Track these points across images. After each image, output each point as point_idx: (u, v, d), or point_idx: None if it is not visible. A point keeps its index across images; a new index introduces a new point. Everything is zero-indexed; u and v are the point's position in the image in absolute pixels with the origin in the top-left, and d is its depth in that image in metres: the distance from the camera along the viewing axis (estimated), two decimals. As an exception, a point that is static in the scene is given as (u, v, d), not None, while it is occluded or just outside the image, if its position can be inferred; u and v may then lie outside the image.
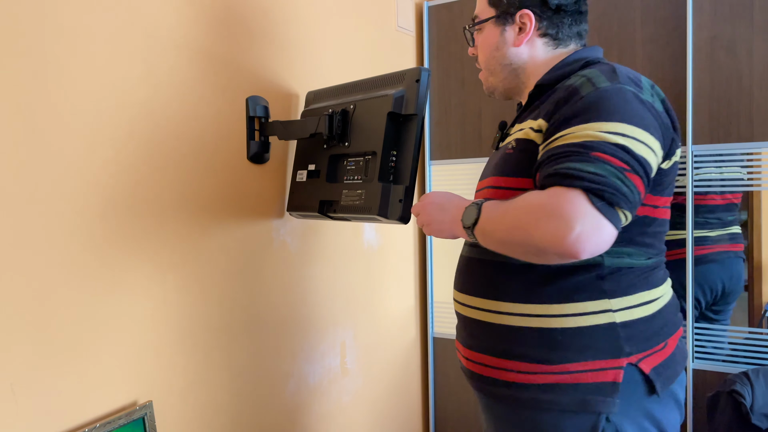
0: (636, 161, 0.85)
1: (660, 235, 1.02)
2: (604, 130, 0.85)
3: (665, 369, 0.98)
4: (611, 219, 0.82)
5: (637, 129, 0.86)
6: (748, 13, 1.80)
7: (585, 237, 0.80)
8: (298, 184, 1.54)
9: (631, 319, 0.95)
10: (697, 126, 1.88)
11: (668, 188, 1.00)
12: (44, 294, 1.06)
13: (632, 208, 0.85)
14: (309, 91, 1.61)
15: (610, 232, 0.82)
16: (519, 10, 1.07)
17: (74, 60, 1.10)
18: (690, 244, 1.90)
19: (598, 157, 0.83)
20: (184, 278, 1.32)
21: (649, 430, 0.98)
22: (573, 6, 1.07)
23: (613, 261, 0.95)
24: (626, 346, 0.94)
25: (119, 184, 1.18)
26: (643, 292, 0.97)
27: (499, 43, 1.11)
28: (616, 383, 0.94)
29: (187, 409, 1.33)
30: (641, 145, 0.86)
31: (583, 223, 0.80)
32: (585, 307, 0.95)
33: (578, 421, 0.95)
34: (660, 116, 0.92)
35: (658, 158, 0.90)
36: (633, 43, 2.00)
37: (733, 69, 1.83)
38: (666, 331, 1.00)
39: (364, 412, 1.94)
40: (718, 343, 1.93)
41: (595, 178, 0.82)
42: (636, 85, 0.92)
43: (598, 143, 0.84)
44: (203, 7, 1.36)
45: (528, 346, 0.98)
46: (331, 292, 1.78)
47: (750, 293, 2.18)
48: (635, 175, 0.84)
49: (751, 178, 1.90)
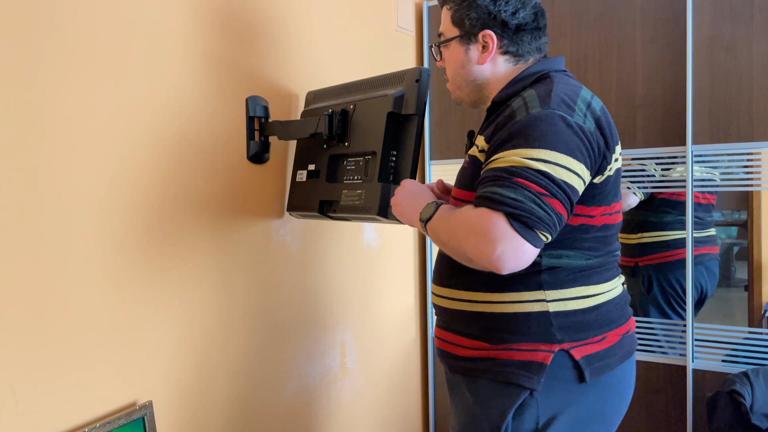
0: (556, 186, 0.94)
1: (605, 238, 1.11)
2: (528, 156, 0.95)
3: (598, 360, 1.07)
4: (530, 240, 0.94)
5: (560, 155, 0.95)
6: (748, 13, 1.80)
7: (505, 257, 0.93)
8: (298, 184, 1.54)
9: (565, 310, 1.06)
10: (697, 126, 1.89)
11: (606, 197, 1.08)
12: (44, 294, 1.06)
13: (551, 229, 0.95)
14: (309, 91, 1.61)
15: (530, 251, 0.94)
16: (481, 30, 1.14)
17: (75, 60, 1.10)
18: (690, 244, 1.90)
19: (519, 183, 0.94)
20: (183, 278, 1.32)
21: (572, 415, 1.07)
22: (532, 24, 1.14)
23: (551, 261, 1.06)
24: (558, 333, 1.05)
25: (119, 185, 1.18)
26: (579, 288, 1.07)
27: (464, 61, 1.17)
28: (543, 364, 1.05)
29: (187, 409, 1.33)
30: (563, 170, 0.95)
31: (504, 244, 0.93)
32: (521, 296, 1.07)
33: (507, 391, 1.08)
34: (589, 137, 0.99)
35: (584, 178, 0.99)
36: (633, 43, 2.00)
37: (733, 69, 1.83)
38: (605, 325, 1.09)
39: (364, 412, 1.94)
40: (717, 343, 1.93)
41: (513, 203, 0.93)
42: (568, 107, 0.99)
43: (521, 169, 0.95)
44: (204, 8, 1.36)
45: (474, 327, 1.13)
46: (331, 292, 1.78)
47: (750, 293, 2.18)
48: (554, 199, 0.94)
49: (751, 178, 1.90)
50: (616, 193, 1.11)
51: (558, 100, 1.00)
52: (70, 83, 1.10)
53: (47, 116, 1.06)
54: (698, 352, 1.94)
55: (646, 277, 2.15)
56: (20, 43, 1.02)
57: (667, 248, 2.06)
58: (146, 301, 1.23)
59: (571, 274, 1.07)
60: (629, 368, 1.15)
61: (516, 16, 1.12)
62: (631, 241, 2.25)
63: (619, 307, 1.13)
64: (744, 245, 2.19)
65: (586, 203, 1.05)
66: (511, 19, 1.12)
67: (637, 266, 2.21)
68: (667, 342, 2.09)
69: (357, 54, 1.87)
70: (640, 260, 2.18)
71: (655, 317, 2.14)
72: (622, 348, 1.11)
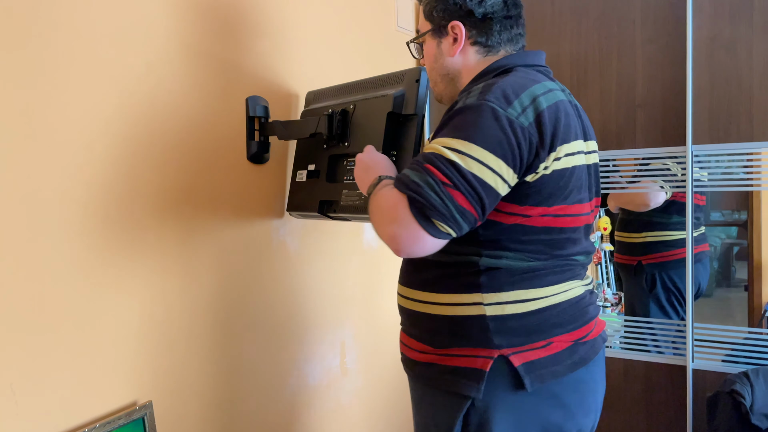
0: (461, 177, 0.92)
1: (553, 242, 1.04)
2: (445, 144, 0.94)
3: (541, 367, 1.01)
4: (426, 228, 0.92)
5: (475, 147, 0.92)
6: (748, 13, 1.81)
7: (400, 239, 0.94)
8: (298, 184, 1.54)
9: (502, 315, 1.01)
10: (697, 126, 1.89)
11: (547, 198, 1.01)
12: (44, 294, 1.06)
13: (448, 221, 0.92)
14: (309, 91, 1.61)
15: (428, 239, 0.93)
16: (450, 21, 1.13)
17: (74, 60, 1.10)
18: (690, 243, 1.91)
19: (427, 168, 0.93)
20: (183, 278, 1.32)
21: (513, 423, 1.02)
22: (501, 12, 1.11)
23: (490, 261, 1.02)
24: (495, 338, 1.01)
25: (119, 185, 1.18)
26: (518, 291, 1.02)
27: (437, 55, 1.17)
28: (482, 371, 1.01)
29: (187, 409, 1.33)
30: (474, 163, 0.92)
31: (399, 226, 0.94)
32: (460, 298, 1.04)
33: (450, 401, 1.05)
34: (517, 133, 0.94)
35: (502, 174, 0.94)
36: (633, 43, 2.00)
37: (733, 69, 1.83)
38: (548, 330, 1.03)
39: (364, 412, 1.94)
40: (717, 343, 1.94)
41: (413, 188, 0.93)
42: (505, 100, 0.95)
43: (434, 156, 0.94)
44: (204, 7, 1.36)
45: (419, 328, 1.11)
46: (331, 292, 1.78)
47: (750, 293, 2.18)
48: (456, 190, 0.91)
49: (750, 178, 1.90)
50: (566, 195, 1.03)
51: (499, 92, 0.97)
52: (69, 83, 1.09)
53: (45, 117, 1.06)
54: (698, 352, 1.94)
55: (649, 275, 2.17)
56: (18, 44, 1.02)
57: (671, 247, 2.08)
58: (147, 301, 1.23)
59: (511, 277, 1.02)
60: (586, 377, 1.07)
61: (483, 4, 1.10)
62: (634, 240, 2.26)
63: (567, 312, 1.05)
64: (744, 245, 2.20)
65: (518, 202, 1.00)
66: (478, 8, 1.10)
67: (639, 265, 2.22)
68: (665, 342, 2.09)
69: (357, 54, 1.87)
70: (644, 258, 2.19)
71: (656, 315, 2.15)
72: (573, 354, 1.04)
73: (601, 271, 2.63)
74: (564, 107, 1.02)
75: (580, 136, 1.06)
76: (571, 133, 1.01)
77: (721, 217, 2.25)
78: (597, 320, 1.12)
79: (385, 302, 2.02)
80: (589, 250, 1.12)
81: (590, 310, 1.10)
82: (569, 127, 1.01)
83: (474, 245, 1.03)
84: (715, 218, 2.23)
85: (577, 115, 1.08)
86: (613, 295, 2.56)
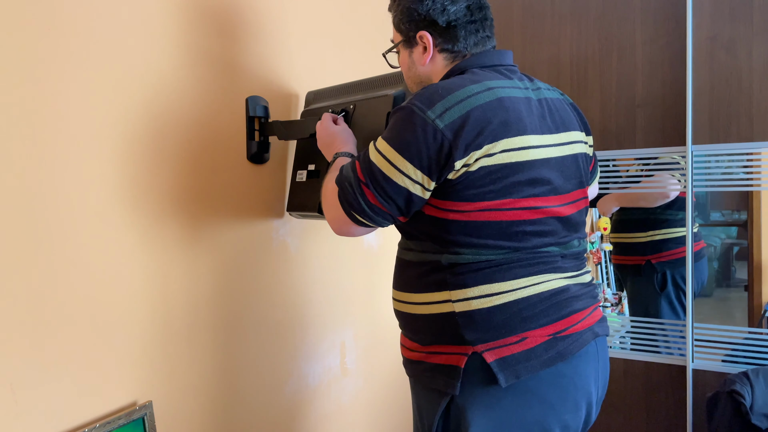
0: (374, 178, 1.03)
1: (500, 235, 1.03)
2: (376, 145, 1.05)
3: (516, 362, 1.01)
4: (350, 217, 1.07)
5: (390, 149, 1.02)
6: (748, 13, 1.81)
7: (334, 223, 1.11)
8: (298, 184, 1.54)
9: (468, 310, 1.04)
10: (697, 126, 1.89)
11: (483, 194, 1.02)
12: (44, 294, 1.06)
13: (362, 215, 1.05)
14: (309, 91, 1.61)
15: (354, 227, 1.09)
16: (417, 32, 1.16)
17: (74, 60, 1.10)
18: (690, 241, 1.91)
19: (354, 164, 1.07)
20: (183, 278, 1.32)
21: (491, 418, 1.03)
22: (464, 19, 1.13)
23: (450, 258, 1.06)
24: (466, 335, 1.04)
25: (118, 185, 1.18)
26: (482, 286, 1.04)
27: (410, 64, 1.21)
28: (458, 368, 1.05)
29: (187, 409, 1.33)
30: (388, 165, 1.02)
31: (333, 212, 1.10)
32: (432, 297, 1.08)
33: (432, 397, 1.10)
34: (429, 134, 0.99)
35: (410, 175, 1.01)
36: (633, 43, 2.00)
37: (732, 69, 1.83)
38: (519, 325, 1.03)
39: (364, 413, 1.94)
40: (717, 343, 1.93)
41: (341, 182, 1.07)
42: (429, 101, 1.01)
43: (364, 155, 1.06)
44: (204, 7, 1.36)
45: (407, 328, 1.17)
46: (331, 292, 1.78)
47: (750, 293, 2.18)
48: (368, 189, 1.04)
49: (750, 178, 1.90)
50: (508, 189, 1.02)
51: (427, 94, 1.02)
52: (68, 83, 1.09)
53: (44, 119, 1.06)
54: (698, 352, 1.94)
55: (660, 274, 2.15)
56: (17, 42, 1.02)
57: (681, 244, 2.07)
58: (146, 301, 1.23)
59: (474, 273, 1.04)
60: (568, 372, 1.05)
61: (445, 12, 1.13)
62: (639, 240, 2.25)
63: (538, 307, 1.04)
64: (744, 245, 2.19)
65: (451, 198, 1.03)
66: (440, 16, 1.13)
67: (649, 264, 2.20)
68: (665, 342, 2.09)
69: (357, 54, 1.87)
70: (653, 258, 2.18)
71: (667, 315, 2.15)
72: (549, 350, 1.03)
73: (601, 271, 2.63)
74: (508, 104, 1.02)
75: (535, 131, 1.05)
76: (513, 129, 1.01)
77: (721, 217, 2.25)
78: (586, 313, 1.10)
79: (385, 303, 2.02)
80: (569, 241, 1.11)
81: (573, 304, 1.07)
82: (510, 123, 1.01)
83: (433, 242, 1.08)
84: (715, 218, 2.23)
85: (539, 112, 1.08)
86: (613, 295, 2.56)
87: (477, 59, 1.14)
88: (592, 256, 2.62)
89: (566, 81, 2.15)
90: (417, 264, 1.11)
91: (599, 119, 2.08)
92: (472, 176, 1.01)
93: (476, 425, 1.03)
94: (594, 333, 1.10)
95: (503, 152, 1.01)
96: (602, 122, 2.07)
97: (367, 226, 1.08)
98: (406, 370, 1.20)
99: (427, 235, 1.08)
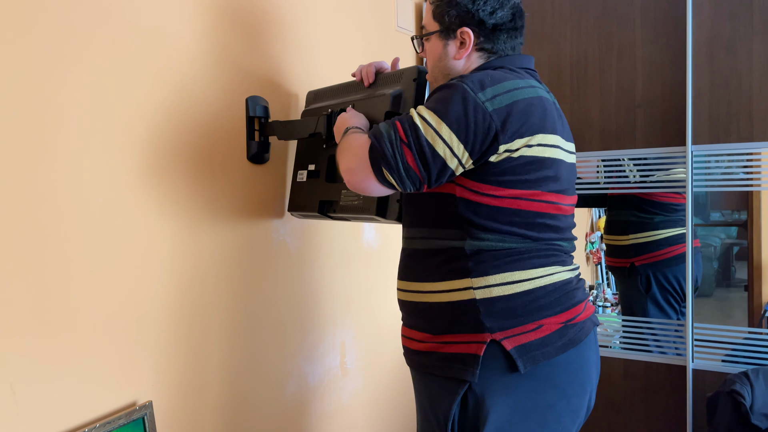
0: (417, 141, 1.03)
1: (524, 224, 1.09)
2: (419, 111, 1.06)
3: (533, 349, 1.07)
4: (375, 172, 1.06)
5: (437, 118, 1.04)
6: (748, 13, 1.81)
7: (352, 173, 1.09)
8: (298, 184, 1.54)
9: (490, 297, 1.08)
10: (697, 126, 1.89)
11: (518, 182, 1.07)
12: (44, 294, 1.06)
13: (394, 173, 1.05)
14: (309, 91, 1.61)
15: (375, 184, 1.08)
16: (459, 27, 1.17)
17: (73, 60, 1.10)
18: (690, 239, 1.91)
19: (395, 124, 1.07)
20: (183, 278, 1.32)
21: (510, 405, 1.07)
22: (509, 24, 1.17)
23: (474, 244, 1.09)
24: (486, 321, 1.07)
25: (118, 185, 1.18)
26: (505, 273, 1.08)
27: (442, 55, 1.22)
28: (477, 356, 1.07)
29: (187, 409, 1.33)
30: (432, 132, 1.03)
31: (356, 162, 1.09)
32: (452, 284, 1.10)
33: (448, 385, 1.11)
34: (479, 115, 1.03)
35: (453, 148, 1.03)
36: (633, 43, 2.00)
37: (732, 69, 1.83)
38: (535, 312, 1.08)
39: (364, 412, 1.94)
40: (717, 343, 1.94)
41: (377, 135, 1.06)
42: (480, 85, 1.05)
43: (406, 117, 1.07)
44: (204, 7, 1.36)
45: (419, 318, 1.17)
46: (331, 292, 1.78)
47: (750, 293, 2.18)
48: (408, 149, 1.04)
49: (750, 178, 1.90)
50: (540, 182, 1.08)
51: (477, 78, 1.06)
52: (68, 83, 1.10)
53: (45, 118, 1.06)
54: (698, 352, 1.94)
55: (644, 276, 2.17)
56: (19, 41, 1.02)
57: (661, 246, 2.10)
58: (146, 300, 1.23)
59: (496, 260, 1.08)
60: (576, 358, 1.11)
61: (494, 15, 1.15)
62: (622, 242, 2.27)
63: (554, 295, 1.10)
64: (744, 245, 2.20)
65: (487, 182, 1.07)
66: (489, 18, 1.15)
67: (633, 266, 2.23)
68: (665, 342, 2.09)
69: (357, 54, 1.87)
70: (636, 260, 2.20)
71: (655, 316, 2.15)
72: (562, 337, 1.09)
73: (601, 271, 2.63)
74: (545, 104, 1.10)
75: (560, 133, 1.13)
76: (548, 126, 1.09)
77: (721, 217, 2.25)
78: (586, 304, 1.17)
79: (385, 302, 2.02)
80: (572, 238, 1.19)
81: (577, 294, 1.15)
82: (546, 121, 1.09)
83: (458, 228, 1.10)
84: (715, 218, 2.23)
85: (558, 116, 1.16)
86: (613, 295, 2.57)
87: (510, 60, 1.18)
88: (592, 256, 2.62)
89: (566, 81, 2.15)
90: (435, 252, 1.13)
91: (599, 119, 2.08)
92: (513, 162, 1.06)
93: (496, 411, 1.07)
94: (593, 322, 1.18)
95: (539, 146, 1.07)
96: (602, 122, 2.07)
97: (389, 186, 1.07)
98: (411, 363, 1.21)
99: (455, 218, 1.10)
